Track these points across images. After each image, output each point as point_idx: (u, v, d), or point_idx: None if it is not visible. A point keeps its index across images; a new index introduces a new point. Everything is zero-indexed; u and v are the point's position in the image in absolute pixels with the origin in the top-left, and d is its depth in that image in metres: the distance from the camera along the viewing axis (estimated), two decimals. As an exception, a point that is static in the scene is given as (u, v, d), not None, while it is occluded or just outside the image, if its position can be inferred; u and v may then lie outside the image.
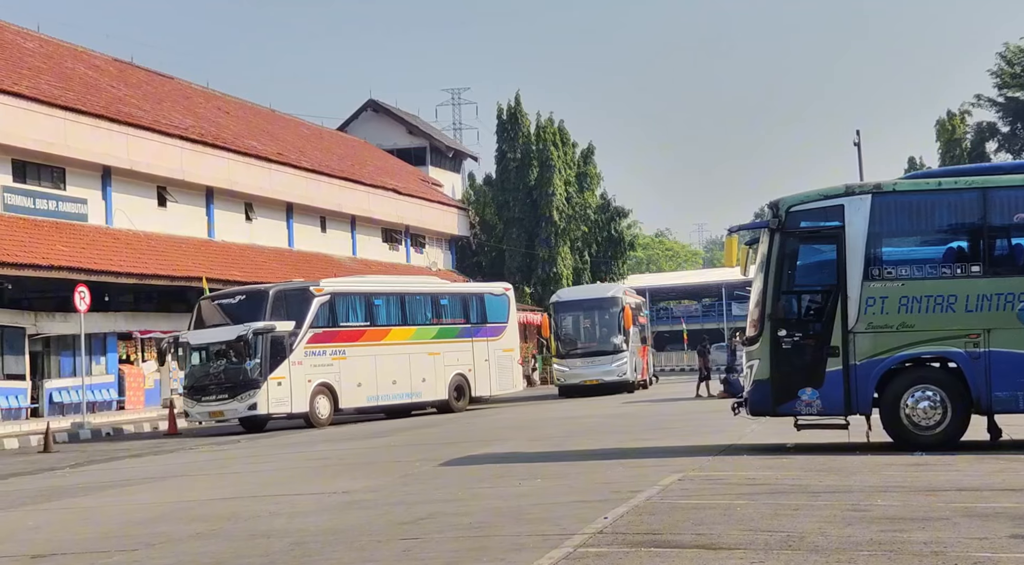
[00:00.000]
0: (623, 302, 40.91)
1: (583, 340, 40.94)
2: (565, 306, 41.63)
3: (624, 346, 39.81)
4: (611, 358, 39.67)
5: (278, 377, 28.67)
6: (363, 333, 31.18)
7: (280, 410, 28.95)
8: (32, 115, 34.49)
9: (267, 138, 50.92)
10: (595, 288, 48.77)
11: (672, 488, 11.97)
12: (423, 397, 32.94)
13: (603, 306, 41.24)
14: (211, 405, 28.95)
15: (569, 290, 47.90)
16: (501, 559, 8.57)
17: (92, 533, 11.74)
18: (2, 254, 30.37)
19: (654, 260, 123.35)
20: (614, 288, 44.17)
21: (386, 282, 34.74)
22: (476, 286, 39.07)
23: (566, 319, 41.31)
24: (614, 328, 40.29)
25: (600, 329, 40.98)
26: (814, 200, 15.44)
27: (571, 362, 40.29)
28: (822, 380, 14.98)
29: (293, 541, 10.13)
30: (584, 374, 39.77)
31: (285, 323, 28.89)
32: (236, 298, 29.62)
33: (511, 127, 63.57)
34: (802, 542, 8.60)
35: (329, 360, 29.96)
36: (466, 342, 34.46)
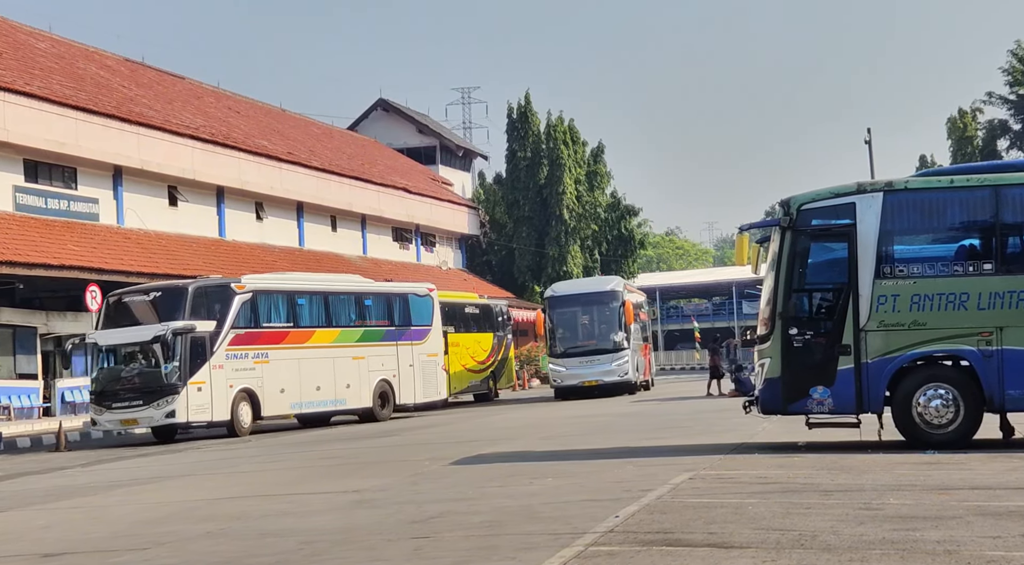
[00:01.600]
0: (623, 296, 38.17)
1: (581, 338, 38.18)
2: (560, 301, 38.41)
3: (625, 344, 37.30)
4: (611, 357, 37.02)
5: (198, 382, 26.36)
6: (286, 334, 28.93)
7: (200, 418, 26.64)
8: (44, 115, 34.56)
9: (278, 137, 50.97)
10: (593, 281, 44.92)
11: (683, 487, 11.94)
12: (347, 404, 30.64)
13: (602, 300, 38.23)
14: (123, 413, 26.50)
15: (565, 283, 44.09)
16: (512, 558, 8.55)
17: (102, 532, 11.75)
18: (14, 254, 30.44)
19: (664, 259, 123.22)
20: (613, 281, 40.56)
21: (309, 280, 32.25)
22: (400, 286, 35.45)
23: (562, 315, 38.20)
24: (614, 324, 37.52)
25: (599, 325, 38.18)
26: (825, 198, 15.38)
27: (568, 362, 37.48)
28: (833, 378, 14.93)
29: (303, 540, 10.11)
30: (582, 374, 37.15)
31: (206, 323, 26.64)
32: (151, 294, 27.07)
33: (521, 126, 63.56)
34: (814, 541, 8.56)
35: (251, 363, 27.68)
36: (391, 346, 32.05)
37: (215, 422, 27.01)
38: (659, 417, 25.01)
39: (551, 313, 37.97)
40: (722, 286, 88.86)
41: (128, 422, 26.76)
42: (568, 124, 64.05)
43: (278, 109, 58.65)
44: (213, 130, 44.69)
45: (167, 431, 27.25)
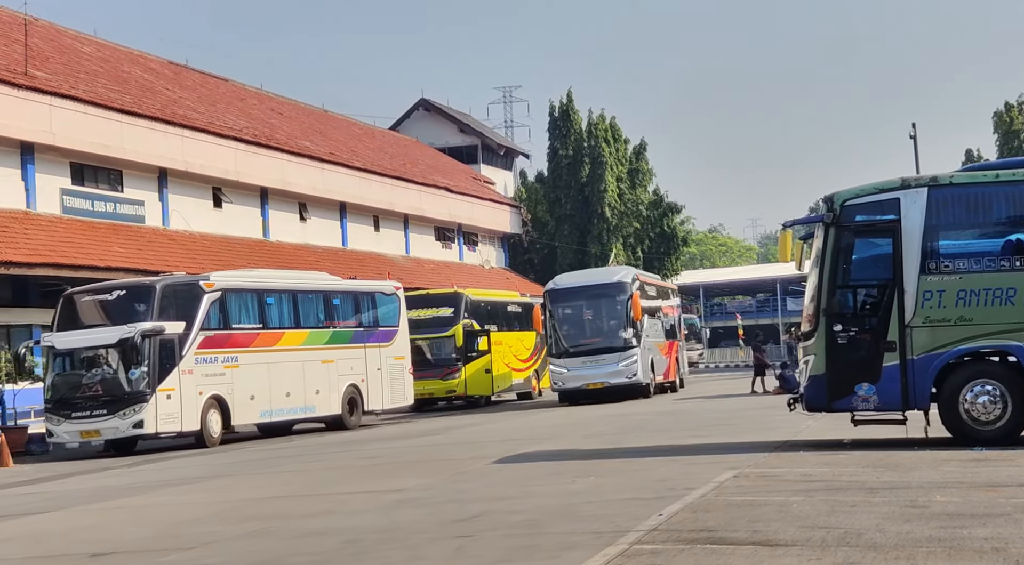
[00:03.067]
0: (631, 289, 34.14)
1: (584, 335, 34.39)
2: (562, 294, 34.59)
3: (634, 342, 33.55)
4: (618, 356, 33.36)
5: (167, 389, 24.35)
6: (256, 337, 26.96)
7: (170, 428, 24.62)
8: (89, 118, 34.88)
9: (320, 138, 51.20)
10: (598, 272, 40.78)
11: (727, 485, 11.88)
12: (316, 412, 28.66)
13: (607, 293, 34.38)
14: (84, 423, 24.31)
15: (567, 275, 39.33)
16: (555, 557, 8.53)
17: (147, 532, 11.85)
18: (61, 256, 30.73)
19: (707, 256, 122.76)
20: (621, 271, 36.51)
21: (277, 277, 29.71)
22: (366, 284, 32.77)
23: (563, 310, 34.50)
24: (621, 320, 33.78)
25: (604, 321, 34.43)
26: (870, 194, 15.26)
27: (570, 362, 33.68)
28: (879, 375, 14.80)
29: (346, 539, 10.15)
30: (586, 376, 33.43)
31: (175, 324, 24.63)
32: (114, 293, 24.97)
33: (563, 124, 63.50)
34: (860, 539, 8.49)
35: (221, 368, 25.71)
36: (359, 349, 30.03)
37: (184, 432, 25.11)
38: (702, 415, 24.92)
39: (552, 308, 34.42)
40: (766, 283, 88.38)
41: (89, 434, 24.54)
42: (610, 122, 63.93)
43: (320, 110, 58.91)
44: (256, 131, 44.95)
45: (126, 443, 25.17)
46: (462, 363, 36.69)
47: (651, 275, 43.43)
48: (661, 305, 38.58)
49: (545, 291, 35.21)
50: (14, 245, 29.80)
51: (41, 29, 39.66)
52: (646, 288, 36.64)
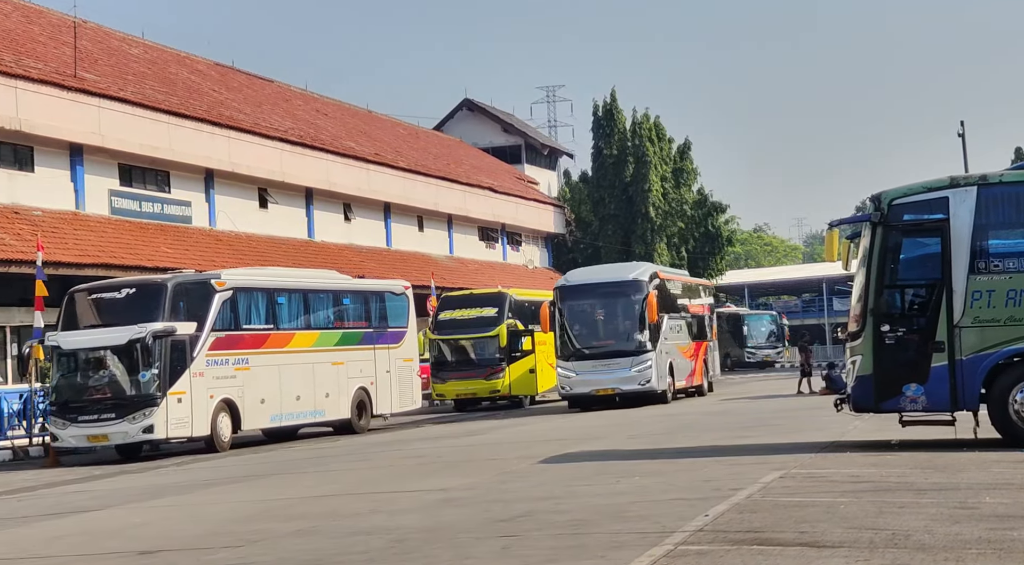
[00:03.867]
0: (647, 287, 31.61)
1: (595, 337, 32.02)
2: (572, 292, 32.15)
3: (648, 345, 31.10)
4: (631, 361, 31.00)
5: (178, 392, 23.42)
6: (267, 338, 26.10)
7: (180, 433, 23.66)
8: (137, 120, 35.21)
9: (364, 139, 51.42)
10: (613, 268, 37.71)
11: (773, 486, 11.84)
12: (326, 416, 27.80)
13: (621, 292, 31.88)
14: (91, 427, 23.22)
15: (580, 271, 37.24)
16: (600, 556, 8.53)
17: (196, 530, 11.95)
18: (110, 256, 31.04)
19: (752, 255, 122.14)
20: (638, 268, 33.78)
21: (288, 276, 28.72)
22: (375, 283, 31.86)
23: (573, 309, 31.96)
24: (635, 321, 31.27)
25: (618, 322, 32.00)
26: (918, 193, 15.15)
27: (579, 365, 31.38)
28: (927, 376, 14.69)
29: (392, 538, 10.19)
30: (595, 381, 31.15)
31: (186, 324, 23.72)
32: (123, 291, 24.07)
33: (607, 124, 63.41)
34: (908, 540, 8.43)
35: (232, 371, 24.80)
36: (368, 350, 29.15)
37: (195, 437, 24.18)
38: (748, 415, 24.81)
39: (561, 306, 31.94)
40: (812, 283, 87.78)
41: (97, 438, 23.41)
42: (654, 121, 63.78)
43: (365, 110, 59.15)
44: (302, 132, 45.21)
45: (133, 448, 24.16)
46: (506, 363, 36.64)
47: (675, 271, 41.30)
48: (688, 303, 36.53)
49: (555, 287, 33.07)
50: (63, 246, 30.13)
51: (90, 31, 40.08)
52: (668, 286, 34.50)
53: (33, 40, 35.63)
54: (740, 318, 66.77)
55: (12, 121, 30.46)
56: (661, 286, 32.90)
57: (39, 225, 30.23)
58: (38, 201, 31.72)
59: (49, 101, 31.85)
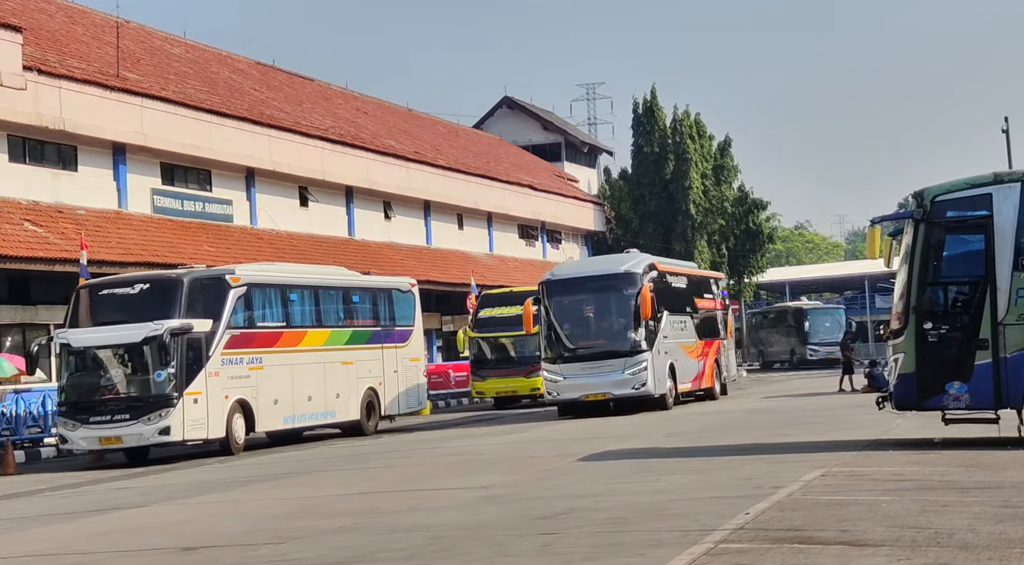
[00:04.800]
0: (641, 281, 28.50)
1: (585, 336, 28.99)
2: (560, 286, 29.12)
3: (643, 345, 28.16)
4: (624, 363, 27.99)
5: (194, 392, 22.52)
6: (280, 336, 25.38)
7: (196, 435, 22.73)
8: (179, 119, 35.44)
9: (404, 137, 51.55)
10: (603, 261, 35.23)
11: (815, 484, 11.78)
12: (336, 417, 26.98)
13: (612, 286, 28.88)
14: (103, 429, 22.19)
15: (568, 266, 34.68)
16: (640, 554, 8.52)
17: (238, 526, 12.03)
18: (152, 255, 31.28)
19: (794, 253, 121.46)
20: (632, 260, 30.31)
21: (299, 272, 28.02)
22: (382, 280, 31.01)
23: (561, 305, 28.87)
24: (629, 318, 28.28)
25: (610, 320, 29.12)
26: (961, 189, 15.03)
27: (567, 368, 28.34)
28: (970, 373, 14.58)
29: (432, 536, 10.22)
30: (585, 385, 28.07)
31: (202, 321, 22.83)
32: (137, 286, 23.10)
33: (647, 121, 63.23)
34: (951, 539, 8.37)
35: (246, 370, 23.98)
36: (376, 349, 28.34)
37: (210, 439, 23.29)
38: (789, 413, 24.69)
39: (548, 302, 28.83)
40: (854, 280, 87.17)
41: (109, 440, 22.47)
42: (695, 118, 63.56)
43: (405, 109, 59.29)
44: (342, 131, 45.37)
45: (141, 452, 23.28)
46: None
47: (680, 263, 38.20)
48: (696, 298, 33.55)
49: (541, 282, 29.66)
50: (107, 244, 30.40)
51: (132, 31, 40.39)
52: (670, 279, 31.60)
53: (77, 40, 35.97)
54: (802, 313, 63.36)
55: (56, 121, 30.75)
56: (660, 279, 30.09)
57: (83, 224, 30.51)
58: (82, 200, 32.02)
59: (93, 101, 32.12)
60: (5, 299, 29.31)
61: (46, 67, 30.90)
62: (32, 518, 14.77)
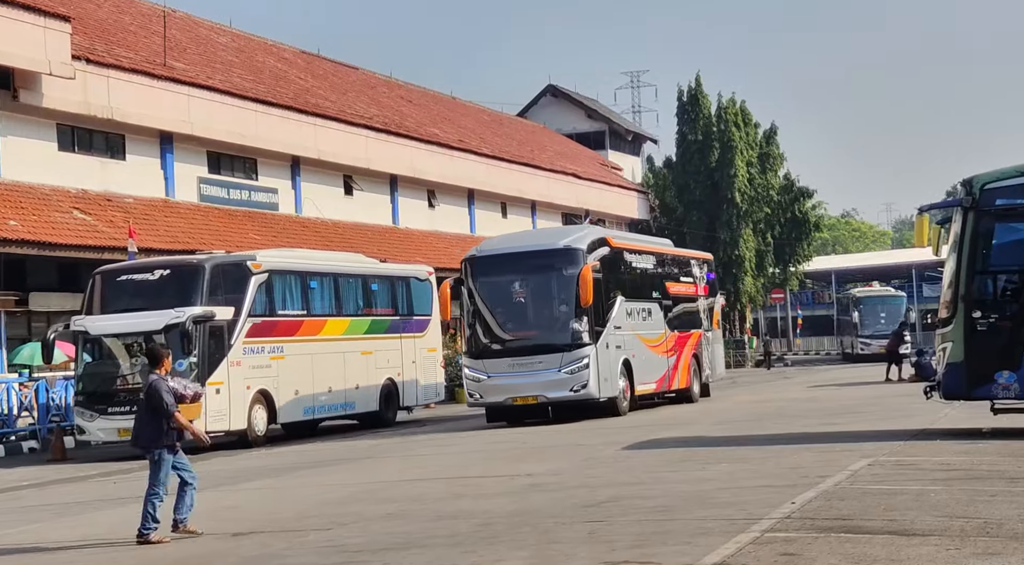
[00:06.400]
0: (583, 259, 23.31)
1: (513, 326, 23.85)
2: (484, 265, 24.10)
3: (585, 337, 23.07)
4: (560, 358, 22.97)
5: (216, 383, 21.77)
6: (301, 325, 24.64)
7: (218, 427, 21.78)
8: (225, 108, 35.66)
9: (449, 126, 51.61)
10: (539, 234, 30.43)
11: (862, 473, 11.74)
12: (356, 408, 26.21)
13: (549, 265, 23.73)
14: (122, 420, 21.05)
15: (498, 239, 28.68)
16: (687, 542, 8.54)
17: (287, 512, 12.14)
18: (199, 243, 31.49)
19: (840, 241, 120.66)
20: (574, 234, 25.48)
21: (319, 259, 27.13)
22: (401, 268, 29.82)
23: (485, 288, 23.86)
24: (569, 305, 23.25)
25: (544, 306, 23.95)
26: (1011, 177, 14.91)
27: (491, 365, 23.29)
28: (1020, 363, 14.48)
29: (479, 522, 10.28)
30: (512, 387, 23.10)
31: (224, 309, 22.07)
32: (156, 272, 22.34)
33: (691, 109, 62.92)
34: (1000, 529, 8.33)
35: (267, 359, 23.31)
36: (395, 339, 27.59)
37: (232, 431, 22.54)
38: (836, 403, 24.58)
39: (471, 284, 23.91)
40: (901, 269, 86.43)
41: (128, 431, 21.28)
42: (740, 106, 63.17)
43: (449, 97, 59.36)
44: (386, 119, 45.49)
45: None
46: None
47: (645, 239, 32.55)
48: (666, 282, 28.13)
49: (464, 260, 24.57)
50: (155, 232, 30.66)
51: (179, 21, 40.68)
52: (630, 257, 26.31)
53: (124, 30, 36.26)
54: (854, 300, 59.22)
55: (105, 110, 31.03)
56: (612, 257, 24.83)
57: (131, 212, 30.79)
58: (129, 188, 32.30)
59: (140, 90, 32.38)
60: (55, 286, 29.63)
61: (94, 56, 31.17)
62: (86, 503, 14.98)
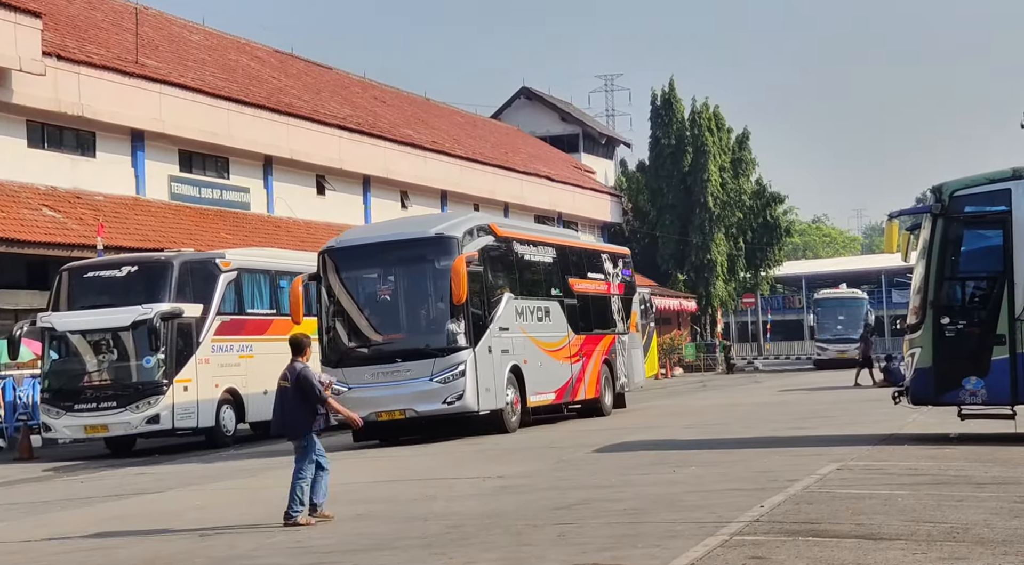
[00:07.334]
0: (458, 250, 19.94)
1: (376, 329, 20.79)
2: (345, 258, 21.03)
3: (461, 340, 19.80)
4: (431, 365, 19.65)
5: (184, 380, 21.73)
6: (270, 324, 24.26)
7: (186, 424, 21.92)
8: (197, 106, 35.51)
9: (422, 127, 51.56)
10: (411, 222, 26.71)
11: (831, 477, 11.80)
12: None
13: (418, 257, 20.80)
14: (88, 417, 21.36)
15: (362, 228, 27.30)
16: (656, 545, 8.56)
17: (256, 512, 12.10)
18: (170, 241, 31.34)
19: (811, 247, 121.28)
20: (449, 221, 22.03)
21: (287, 258, 26.50)
22: None
23: (345, 285, 20.91)
24: (444, 303, 19.99)
25: (413, 306, 20.98)
26: (979, 184, 15.01)
27: (352, 374, 19.86)
28: (987, 369, 14.57)
29: (450, 524, 10.27)
30: (376, 400, 19.60)
31: (193, 306, 21.93)
32: (124, 269, 22.20)
33: (665, 113, 63.11)
34: (966, 534, 8.38)
35: (236, 358, 23.19)
36: None
37: (199, 429, 22.46)
38: (805, 407, 24.68)
39: (328, 280, 20.81)
40: (871, 274, 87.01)
41: (95, 428, 21.68)
42: (713, 110, 63.39)
43: (423, 98, 59.28)
44: (359, 120, 45.41)
45: (126, 441, 22.53)
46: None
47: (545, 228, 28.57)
48: (569, 278, 24.43)
49: (321, 252, 21.45)
50: (125, 230, 30.49)
51: (151, 18, 40.48)
52: (521, 249, 22.82)
53: (96, 27, 36.04)
54: (812, 302, 57.57)
55: (75, 107, 30.84)
56: (497, 248, 21.63)
57: (101, 210, 30.61)
58: (100, 186, 32.10)
59: (111, 87, 32.20)
60: (24, 284, 29.41)
61: (65, 53, 30.98)
62: (52, 503, 14.89)
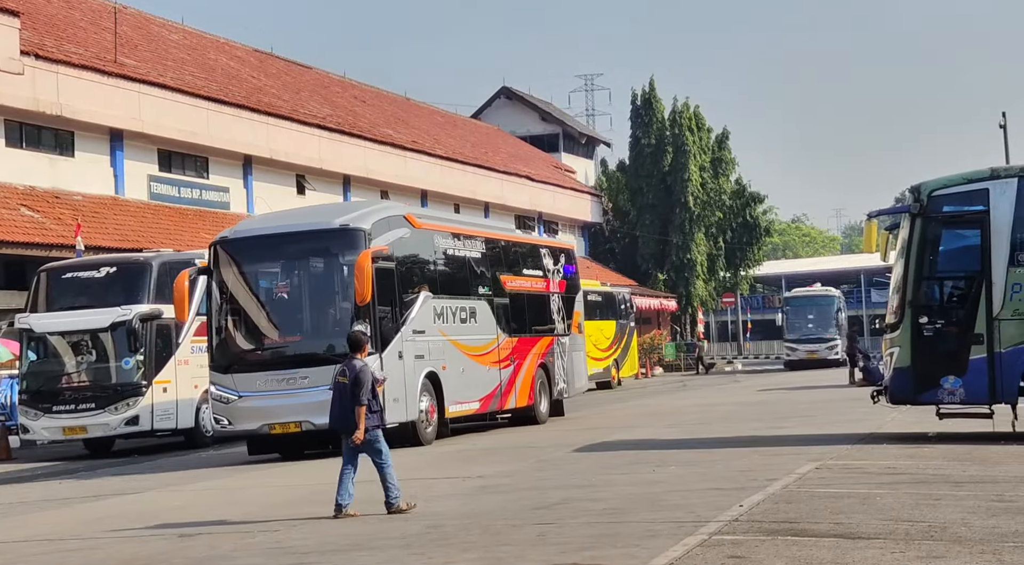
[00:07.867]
0: (364, 243, 17.90)
1: (271, 331, 18.88)
2: (239, 251, 19.03)
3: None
4: (331, 372, 15.03)
5: (164, 381, 21.72)
6: None
7: (165, 426, 21.94)
8: (177, 105, 35.39)
9: (402, 126, 51.51)
10: (313, 212, 23.80)
11: (809, 476, 11.83)
12: None
13: (320, 251, 18.98)
14: (67, 418, 21.35)
15: (259, 218, 25.47)
16: (635, 545, 8.56)
17: (235, 512, 12.06)
18: (149, 241, 31.24)
19: (790, 246, 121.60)
20: (358, 210, 19.51)
21: None
22: None
23: (238, 281, 18.94)
24: (350, 302, 17.92)
25: (313, 305, 19.06)
26: (958, 184, 15.08)
27: (243, 381, 18.13)
28: (965, 368, 14.64)
29: (429, 524, 10.26)
30: (268, 410, 17.89)
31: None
32: (103, 270, 22.17)
33: (645, 113, 63.22)
34: (944, 533, 8.42)
35: None
36: None
37: (179, 430, 22.37)
38: (785, 406, 24.75)
39: (221, 276, 18.85)
40: (850, 274, 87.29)
41: (74, 430, 21.68)
42: (693, 110, 63.52)
43: (403, 98, 59.23)
44: (340, 120, 45.34)
45: (105, 442, 22.54)
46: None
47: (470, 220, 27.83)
48: (501, 274, 22.69)
49: (212, 243, 19.36)
50: (104, 230, 30.36)
51: (130, 17, 40.32)
52: (443, 242, 21.02)
53: (74, 26, 35.89)
54: (782, 301, 55.80)
55: (53, 106, 30.70)
56: (414, 241, 19.75)
57: (79, 210, 30.48)
58: (78, 186, 31.97)
59: (90, 86, 32.07)
60: (1, 285, 29.27)
61: (43, 52, 30.83)
62: (31, 503, 14.82)
